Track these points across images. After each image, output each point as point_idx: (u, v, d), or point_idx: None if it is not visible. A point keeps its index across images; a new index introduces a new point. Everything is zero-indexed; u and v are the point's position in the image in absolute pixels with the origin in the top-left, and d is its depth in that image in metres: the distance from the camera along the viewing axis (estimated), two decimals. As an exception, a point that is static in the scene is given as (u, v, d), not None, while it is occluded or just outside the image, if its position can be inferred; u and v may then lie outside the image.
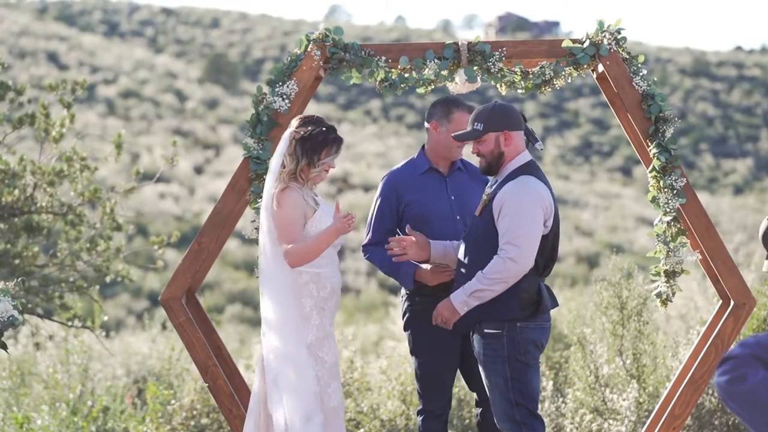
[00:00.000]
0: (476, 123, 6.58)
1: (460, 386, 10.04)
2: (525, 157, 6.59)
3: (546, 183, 6.55)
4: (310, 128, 6.52)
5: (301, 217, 6.49)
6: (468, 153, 7.05)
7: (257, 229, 6.85)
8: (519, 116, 6.61)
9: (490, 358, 6.48)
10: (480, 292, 6.37)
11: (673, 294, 7.18)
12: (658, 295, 7.20)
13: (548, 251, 6.51)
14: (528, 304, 6.46)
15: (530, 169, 6.53)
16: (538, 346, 6.51)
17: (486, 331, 6.48)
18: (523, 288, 6.43)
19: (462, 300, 6.42)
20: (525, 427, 6.45)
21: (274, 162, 6.55)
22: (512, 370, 6.44)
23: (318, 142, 6.51)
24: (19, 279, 6.60)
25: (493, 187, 6.55)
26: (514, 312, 6.42)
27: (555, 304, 6.66)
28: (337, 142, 6.58)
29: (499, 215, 6.42)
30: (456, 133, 6.69)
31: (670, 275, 7.16)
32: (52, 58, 65.95)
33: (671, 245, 7.09)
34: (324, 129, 6.55)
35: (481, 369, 6.58)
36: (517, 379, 6.44)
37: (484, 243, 6.49)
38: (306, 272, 6.49)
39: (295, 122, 6.59)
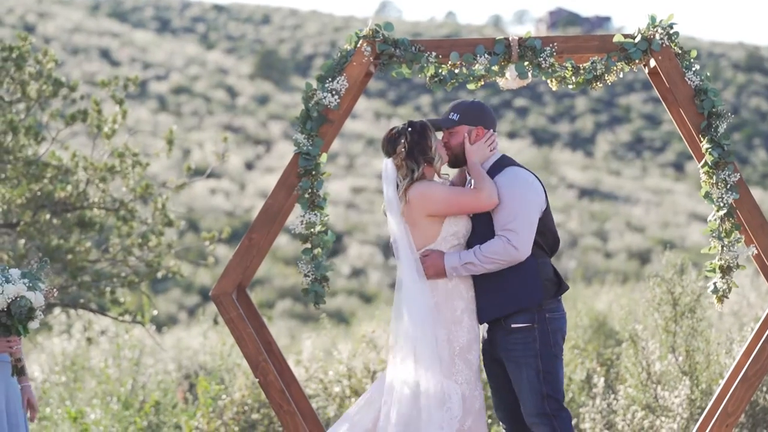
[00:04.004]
0: (452, 113, 6.71)
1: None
2: (497, 154, 6.71)
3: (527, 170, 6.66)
4: (402, 141, 6.52)
5: (446, 185, 6.56)
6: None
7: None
8: (494, 118, 6.73)
9: (521, 352, 6.50)
10: (472, 265, 6.45)
11: (729, 290, 7.10)
12: (714, 291, 7.13)
13: (549, 232, 6.60)
14: (549, 285, 6.55)
15: (509, 160, 6.67)
16: (563, 336, 6.60)
17: (514, 326, 6.49)
18: (542, 271, 6.51)
19: (454, 266, 6.47)
20: (555, 420, 6.49)
21: (389, 192, 6.49)
22: (544, 363, 6.48)
23: (418, 143, 6.53)
24: (43, 260, 6.56)
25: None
26: (538, 296, 6.48)
27: (566, 287, 6.72)
28: (426, 125, 6.57)
29: (495, 208, 6.50)
30: (431, 119, 6.77)
31: (726, 271, 7.08)
32: (105, 54, 66.45)
33: (725, 241, 7.02)
34: (409, 129, 6.55)
35: (509, 365, 6.56)
36: (548, 371, 6.49)
37: (490, 235, 6.53)
38: None
39: (386, 149, 6.56)
